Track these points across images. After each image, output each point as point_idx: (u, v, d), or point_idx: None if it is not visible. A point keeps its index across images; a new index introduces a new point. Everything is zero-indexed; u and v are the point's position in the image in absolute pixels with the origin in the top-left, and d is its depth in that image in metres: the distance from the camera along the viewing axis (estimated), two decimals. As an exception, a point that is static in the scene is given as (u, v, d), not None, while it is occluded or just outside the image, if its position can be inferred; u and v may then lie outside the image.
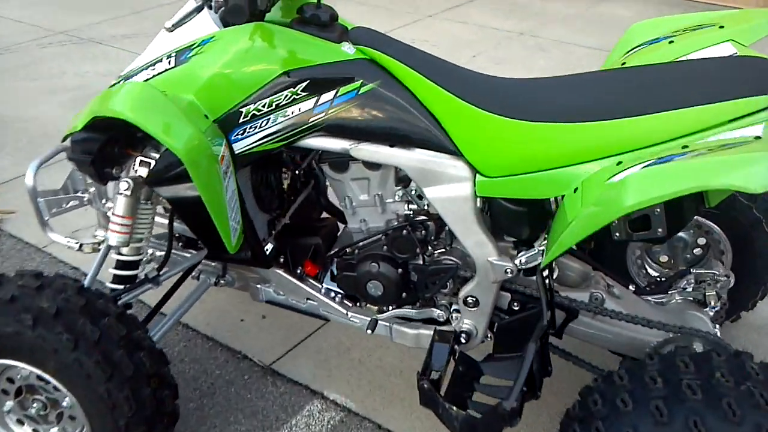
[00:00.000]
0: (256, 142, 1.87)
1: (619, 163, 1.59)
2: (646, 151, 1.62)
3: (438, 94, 1.80)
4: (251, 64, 1.83)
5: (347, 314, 2.16)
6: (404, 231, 1.99)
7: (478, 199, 1.85)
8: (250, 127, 1.86)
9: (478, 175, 1.81)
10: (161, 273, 2.10)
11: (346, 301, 2.17)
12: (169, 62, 1.89)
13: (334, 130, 1.87)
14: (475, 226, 1.86)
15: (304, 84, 1.82)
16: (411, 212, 2.00)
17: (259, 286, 2.26)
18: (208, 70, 1.84)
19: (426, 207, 1.96)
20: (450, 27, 5.82)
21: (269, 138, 1.87)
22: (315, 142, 1.90)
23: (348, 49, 1.85)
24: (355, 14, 5.43)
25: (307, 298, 2.19)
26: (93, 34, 5.83)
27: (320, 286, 2.19)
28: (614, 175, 1.55)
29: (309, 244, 2.18)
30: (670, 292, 2.12)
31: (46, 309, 1.74)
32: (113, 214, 1.96)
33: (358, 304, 2.17)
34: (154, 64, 1.92)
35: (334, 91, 1.82)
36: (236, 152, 1.88)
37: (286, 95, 1.82)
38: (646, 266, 2.46)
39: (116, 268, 2.07)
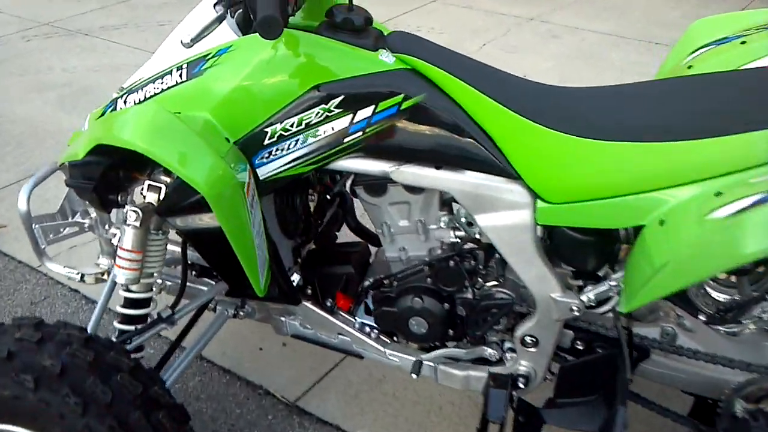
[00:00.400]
0: (283, 166, 1.63)
1: (719, 194, 1.36)
2: (744, 176, 1.39)
3: (492, 108, 1.57)
4: (276, 78, 1.58)
5: (385, 352, 1.93)
6: (451, 261, 1.77)
7: (538, 228, 1.62)
8: (277, 150, 1.62)
9: (538, 200, 1.59)
10: (175, 311, 1.86)
11: (383, 337, 1.95)
12: (180, 75, 1.64)
13: (373, 150, 1.64)
14: (535, 259, 1.64)
15: (337, 100, 1.58)
16: (458, 240, 1.77)
17: (283, 318, 2.03)
18: (226, 84, 1.60)
19: (476, 235, 1.73)
20: (456, 13, 5.55)
21: (298, 161, 1.63)
22: (350, 164, 1.66)
23: (386, 58, 1.61)
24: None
25: (339, 333, 1.96)
26: (80, 25, 5.53)
27: (353, 320, 1.96)
28: (715, 209, 1.32)
29: (340, 273, 1.94)
30: (743, 321, 1.90)
31: (49, 367, 1.50)
32: (120, 248, 1.72)
33: (397, 340, 1.94)
34: (162, 77, 1.67)
35: (373, 107, 1.58)
36: (261, 177, 1.65)
37: (318, 113, 1.58)
38: (708, 289, 2.23)
39: (125, 306, 1.83)
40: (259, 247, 1.61)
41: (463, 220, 1.72)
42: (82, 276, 2.05)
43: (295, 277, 1.93)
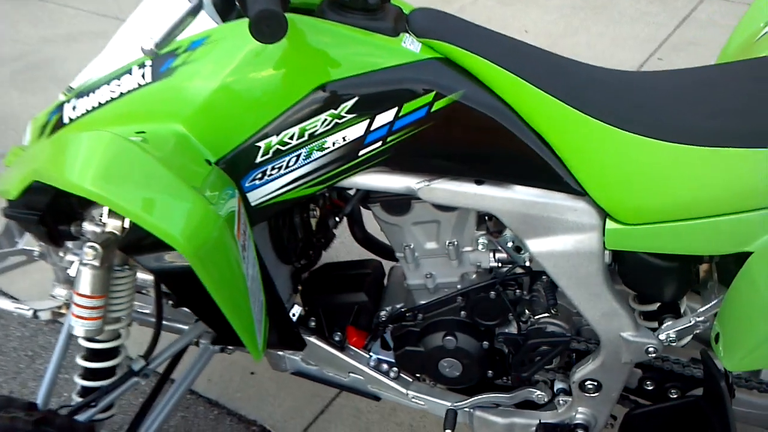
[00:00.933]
0: (281, 188, 1.28)
1: None
2: None
3: (550, 106, 1.22)
4: (269, 77, 1.22)
5: (407, 394, 1.61)
6: (492, 291, 1.43)
7: (607, 253, 1.29)
8: (273, 169, 1.26)
9: (609, 221, 1.25)
10: (150, 360, 1.52)
11: (405, 376, 1.62)
12: (143, 75, 1.26)
13: (395, 163, 1.29)
14: (603, 292, 1.31)
15: (350, 103, 1.22)
16: (500, 264, 1.43)
17: (281, 353, 1.70)
18: (203, 87, 1.23)
19: (526, 262, 1.39)
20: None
21: (301, 182, 1.27)
22: (366, 181, 1.31)
23: (410, 46, 1.25)
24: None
25: (350, 372, 1.63)
26: (31, -13, 5.03)
27: (368, 355, 1.63)
28: None
29: (351, 303, 1.60)
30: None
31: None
32: (76, 293, 1.36)
33: (421, 378, 1.62)
34: (119, 77, 1.29)
35: (395, 110, 1.23)
36: (253, 204, 1.29)
37: (324, 120, 1.22)
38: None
39: (86, 358, 1.48)
40: (254, 296, 1.25)
41: (509, 245, 1.38)
42: (35, 312, 1.69)
43: (296, 309, 1.59)
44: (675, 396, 1.46)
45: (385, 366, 1.61)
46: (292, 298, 1.61)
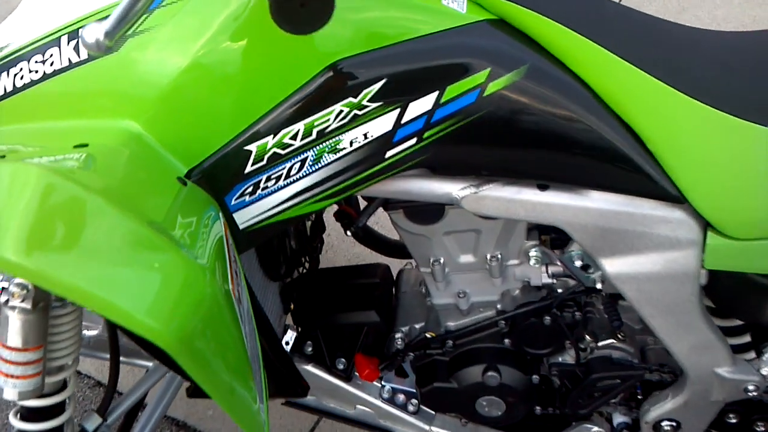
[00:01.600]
0: (281, 203, 0.93)
1: None
2: None
3: (646, 86, 0.90)
4: (261, 53, 0.86)
5: (430, 431, 1.31)
6: (546, 315, 1.13)
7: (703, 273, 1.00)
8: (270, 179, 0.91)
9: (711, 234, 0.95)
10: (107, 416, 1.18)
11: (425, 408, 1.32)
12: (77, 48, 0.89)
13: (433, 165, 0.96)
14: (696, 321, 1.03)
15: (374, 87, 0.87)
16: (556, 281, 1.13)
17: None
18: (165, 67, 0.86)
19: (597, 284, 1.09)
20: None
21: (308, 195, 0.93)
22: (393, 188, 0.98)
23: (452, 3, 0.90)
24: None
25: (358, 404, 1.33)
26: None
27: (380, 384, 1.32)
28: None
29: (357, 324, 1.28)
30: None
31: None
32: (3, 346, 1.01)
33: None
34: (43, 49, 0.91)
35: (435, 95, 0.89)
36: (242, 226, 0.95)
37: (340, 112, 0.88)
38: None
39: (24, 417, 1.14)
40: (252, 357, 0.92)
41: (578, 263, 1.07)
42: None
43: (289, 336, 1.27)
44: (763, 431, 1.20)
45: (401, 397, 1.31)
46: (283, 319, 1.29)
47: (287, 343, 1.26)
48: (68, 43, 0.89)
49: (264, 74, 0.86)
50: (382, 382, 1.31)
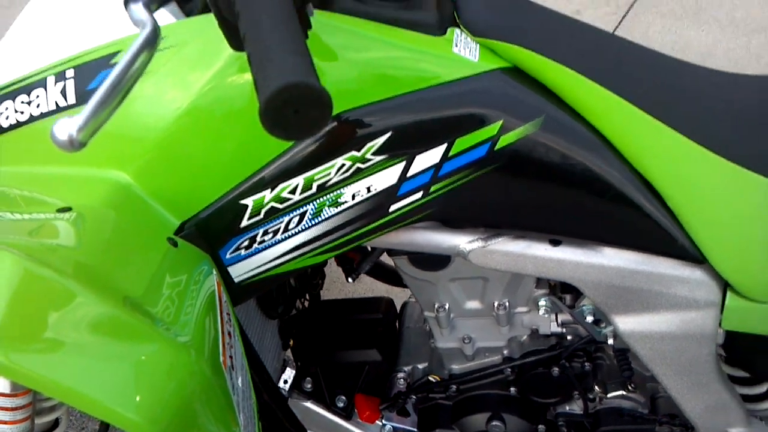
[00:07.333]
0: (279, 257, 0.89)
1: None
2: None
3: (665, 138, 0.85)
4: (258, 99, 0.81)
5: (434, 472, 1.27)
6: (554, 366, 1.09)
7: (720, 332, 0.95)
8: (267, 233, 0.87)
9: (730, 295, 0.90)
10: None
11: (428, 449, 1.28)
12: (63, 91, 0.84)
13: (440, 218, 0.91)
14: (711, 381, 0.98)
15: (380, 140, 0.82)
16: (565, 331, 1.08)
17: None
18: (157, 115, 0.82)
19: (609, 340, 1.04)
20: None
21: (306, 249, 0.89)
22: (397, 240, 0.94)
23: (464, 49, 0.85)
24: None
25: (358, 443, 1.29)
26: None
27: (379, 423, 1.28)
28: None
29: (359, 362, 1.23)
30: None
31: None
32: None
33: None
34: (28, 89, 0.86)
35: (443, 148, 0.84)
36: (237, 280, 0.90)
37: (342, 165, 0.83)
38: None
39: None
40: (245, 415, 0.87)
41: (589, 318, 1.02)
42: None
43: (288, 374, 1.23)
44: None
45: (402, 436, 1.27)
46: (282, 355, 1.25)
47: (286, 381, 1.22)
48: (55, 85, 0.85)
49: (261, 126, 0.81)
50: (383, 421, 1.27)
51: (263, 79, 0.53)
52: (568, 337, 1.08)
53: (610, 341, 1.03)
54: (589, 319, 1.02)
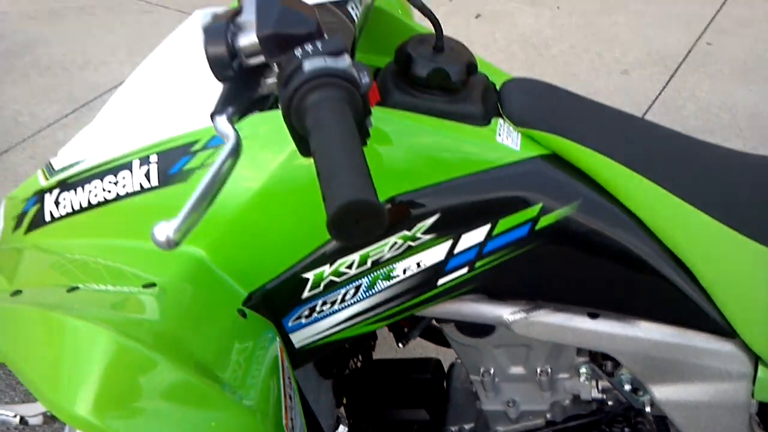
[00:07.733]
0: (336, 325, 0.97)
1: None
2: None
3: (695, 221, 0.91)
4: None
5: None
6: (596, 431, 1.14)
7: (753, 403, 0.99)
8: (325, 304, 0.95)
9: (762, 367, 0.95)
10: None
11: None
12: (147, 174, 0.95)
13: (484, 291, 0.98)
14: (748, 451, 1.02)
15: (429, 221, 0.90)
16: (605, 397, 1.13)
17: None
18: (231, 198, 0.91)
19: (646, 407, 1.09)
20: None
21: (361, 318, 0.97)
22: (444, 310, 1.01)
23: (507, 138, 0.93)
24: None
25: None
26: None
27: (428, 481, 1.34)
28: None
29: (408, 421, 1.30)
30: None
31: None
32: None
33: None
34: (115, 171, 0.97)
35: (488, 228, 0.91)
36: (298, 345, 0.98)
37: (394, 243, 0.91)
38: None
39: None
40: None
41: (627, 387, 1.08)
42: (23, 419, 1.40)
43: (341, 430, 1.30)
44: None
45: (450, 494, 1.32)
46: (335, 413, 1.32)
47: (339, 438, 1.29)
48: (140, 167, 0.95)
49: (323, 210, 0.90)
50: (431, 478, 1.33)
51: (330, 196, 0.62)
52: (609, 403, 1.13)
53: (648, 408, 1.07)
54: (627, 387, 1.07)
